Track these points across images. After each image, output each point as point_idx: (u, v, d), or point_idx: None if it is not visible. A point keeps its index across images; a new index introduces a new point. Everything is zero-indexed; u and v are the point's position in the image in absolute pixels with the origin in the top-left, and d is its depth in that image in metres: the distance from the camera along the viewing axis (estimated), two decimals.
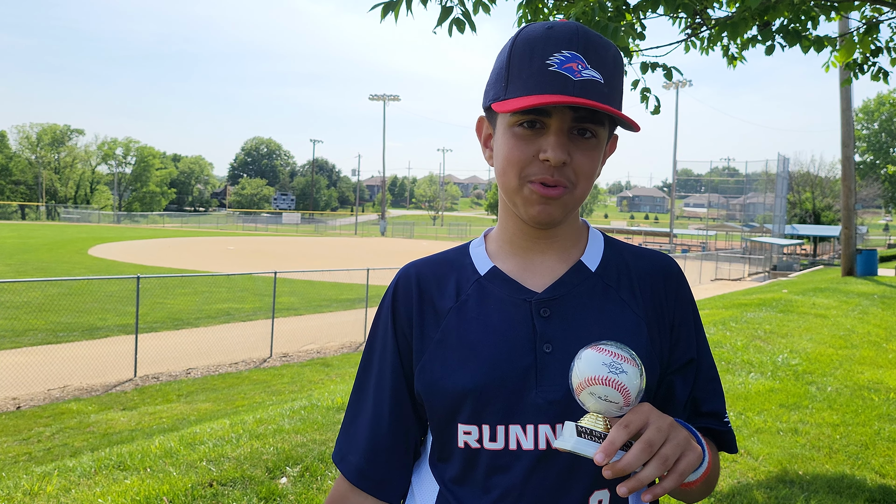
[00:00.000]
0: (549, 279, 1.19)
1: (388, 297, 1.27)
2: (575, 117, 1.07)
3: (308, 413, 5.71)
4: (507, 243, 1.23)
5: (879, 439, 5.33)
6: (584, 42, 1.07)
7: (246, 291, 20.37)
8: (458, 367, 1.15)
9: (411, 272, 1.26)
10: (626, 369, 0.94)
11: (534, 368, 1.12)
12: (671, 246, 50.02)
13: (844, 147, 23.01)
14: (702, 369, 1.24)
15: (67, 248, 35.66)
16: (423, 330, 1.20)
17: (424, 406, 1.21)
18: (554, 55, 1.06)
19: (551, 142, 1.07)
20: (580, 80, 1.05)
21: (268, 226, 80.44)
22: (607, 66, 1.08)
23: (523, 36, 1.11)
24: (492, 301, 1.18)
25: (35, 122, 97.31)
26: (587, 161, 1.10)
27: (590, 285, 1.19)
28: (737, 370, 7.50)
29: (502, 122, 1.13)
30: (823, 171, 55.68)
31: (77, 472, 4.21)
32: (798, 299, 14.00)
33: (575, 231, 1.24)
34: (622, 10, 4.19)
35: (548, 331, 1.14)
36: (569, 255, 1.22)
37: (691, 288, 1.39)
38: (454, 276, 1.23)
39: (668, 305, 1.22)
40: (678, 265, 1.27)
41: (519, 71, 1.08)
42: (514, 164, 1.10)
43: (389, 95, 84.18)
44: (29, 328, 13.20)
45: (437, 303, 1.21)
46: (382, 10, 3.28)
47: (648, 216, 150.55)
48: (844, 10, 4.82)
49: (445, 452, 1.19)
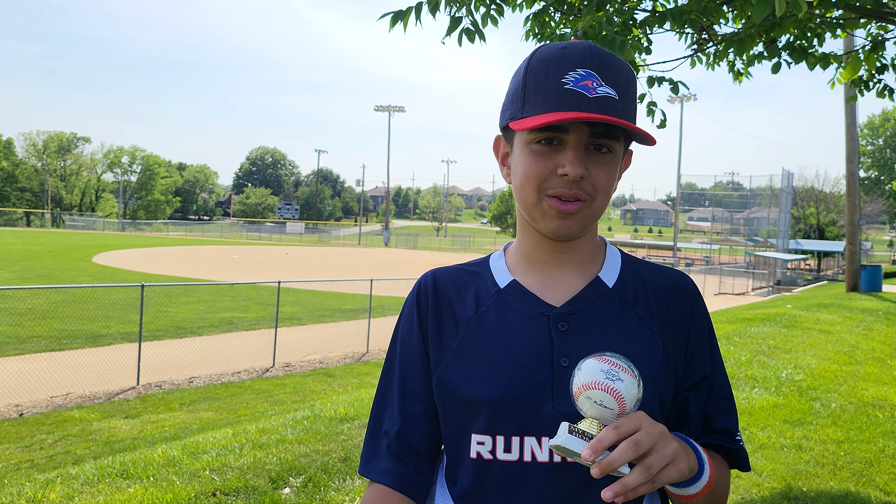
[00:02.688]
0: (567, 294, 1.20)
1: (411, 300, 1.28)
2: (591, 133, 1.10)
3: (311, 423, 5.70)
4: (526, 258, 1.25)
5: (884, 456, 5.30)
6: (598, 60, 1.10)
7: (249, 300, 20.39)
8: (476, 377, 1.16)
9: (431, 279, 1.28)
10: (623, 378, 0.97)
11: (550, 382, 1.13)
12: (675, 260, 49.95)
13: (849, 163, 23.03)
14: (715, 387, 1.25)
15: (72, 255, 35.75)
16: (441, 337, 1.22)
17: (439, 413, 1.22)
18: (569, 73, 1.09)
19: (569, 157, 1.09)
20: (595, 97, 1.07)
21: (272, 235, 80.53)
22: (621, 84, 1.11)
23: (538, 56, 1.14)
24: (511, 313, 1.19)
25: (42, 130, 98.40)
26: (604, 175, 1.12)
27: (607, 301, 1.20)
28: (741, 385, 7.48)
29: (520, 140, 1.16)
30: (828, 187, 55.72)
31: (80, 479, 4.21)
32: (802, 315, 13.97)
33: (593, 247, 1.26)
34: (629, 25, 4.22)
35: (565, 345, 1.15)
36: (587, 271, 1.23)
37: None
38: (474, 287, 1.25)
39: (684, 323, 1.23)
40: (695, 284, 1.28)
41: (535, 90, 1.11)
42: (532, 179, 1.13)
43: (395, 106, 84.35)
44: (32, 335, 13.22)
45: (456, 311, 1.23)
46: (392, 20, 3.30)
47: (652, 229, 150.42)
48: (850, 28, 4.83)
49: (457, 463, 1.19)
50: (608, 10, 3.93)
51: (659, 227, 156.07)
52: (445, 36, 3.54)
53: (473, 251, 64.77)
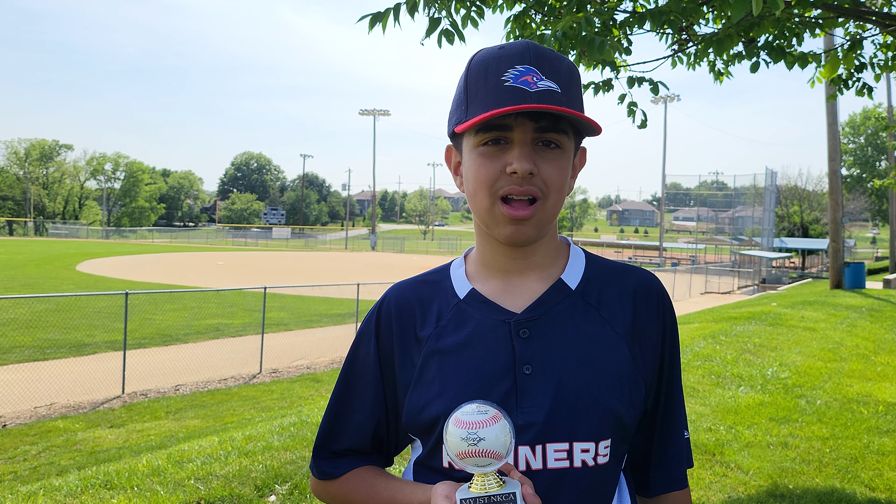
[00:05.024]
0: (528, 299, 1.18)
1: (368, 328, 1.27)
2: (536, 128, 1.08)
3: (297, 430, 5.67)
4: (485, 266, 1.23)
5: (869, 452, 5.34)
6: (536, 56, 1.10)
7: (235, 307, 20.27)
8: (439, 394, 1.14)
9: (392, 300, 1.26)
10: (484, 435, 0.97)
11: (514, 391, 1.12)
12: (661, 259, 50.20)
13: (831, 161, 23.23)
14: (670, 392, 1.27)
15: (55, 263, 35.43)
16: (408, 358, 1.21)
17: (408, 432, 1.23)
18: (508, 71, 1.08)
19: (516, 154, 1.08)
20: (536, 90, 1.07)
21: (258, 240, 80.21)
22: (562, 77, 1.10)
23: (477, 59, 1.13)
24: (471, 324, 1.18)
25: (23, 138, 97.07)
26: (555, 171, 1.11)
27: (569, 304, 1.18)
28: (727, 384, 7.51)
29: (467, 145, 1.14)
30: (811, 185, 56.18)
31: (63, 491, 4.16)
32: (787, 312, 14.07)
33: (554, 249, 1.23)
34: (609, 26, 4.23)
35: (527, 352, 1.13)
36: (549, 274, 1.21)
37: (682, 301, 1.40)
38: (436, 301, 1.23)
39: (651, 321, 1.21)
40: (660, 281, 1.27)
41: (476, 91, 1.10)
42: (482, 182, 1.11)
43: (379, 110, 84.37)
44: (15, 345, 13.07)
45: (418, 329, 1.21)
46: (370, 21, 3.29)
47: (638, 230, 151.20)
48: (829, 27, 4.87)
49: (433, 469, 1.19)
50: (588, 10, 3.93)
51: (645, 227, 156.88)
52: (425, 37, 3.53)
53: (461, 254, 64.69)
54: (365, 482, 1.25)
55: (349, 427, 1.28)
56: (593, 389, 1.12)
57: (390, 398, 1.24)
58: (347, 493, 1.27)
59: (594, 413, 1.11)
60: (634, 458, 1.26)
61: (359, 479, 1.26)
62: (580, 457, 1.11)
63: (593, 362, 1.14)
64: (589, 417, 1.11)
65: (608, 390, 1.13)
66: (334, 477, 1.28)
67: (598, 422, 1.11)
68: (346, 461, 1.28)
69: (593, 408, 1.11)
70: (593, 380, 1.12)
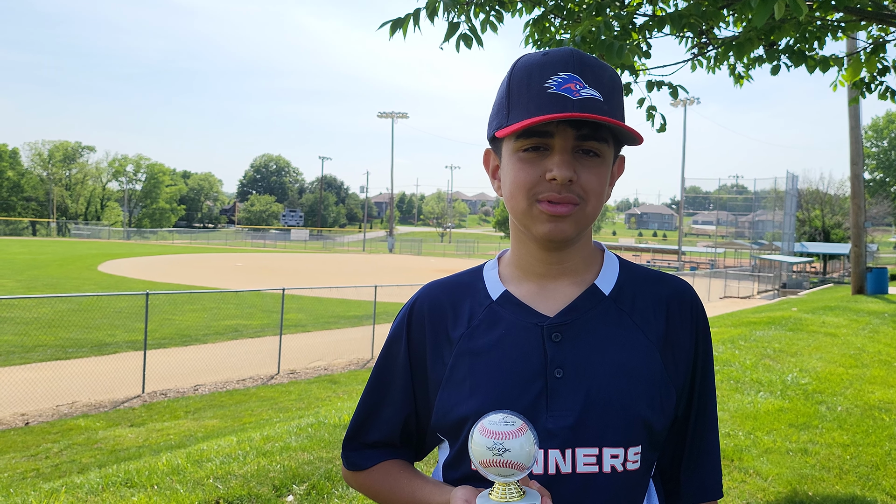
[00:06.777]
0: (561, 303, 1.18)
1: (400, 326, 1.28)
2: (577, 136, 1.08)
3: (315, 430, 5.70)
4: (519, 268, 1.23)
5: (890, 460, 5.28)
6: (580, 64, 1.09)
7: (254, 308, 20.41)
8: (469, 395, 1.15)
9: (424, 300, 1.27)
10: (509, 446, 0.97)
11: (544, 394, 1.12)
12: (679, 263, 49.86)
13: (853, 165, 22.98)
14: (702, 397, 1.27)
15: (77, 264, 35.86)
16: (440, 357, 1.22)
17: (437, 432, 1.24)
18: (552, 78, 1.08)
19: (556, 161, 1.08)
20: (579, 98, 1.06)
21: (276, 242, 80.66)
22: (605, 85, 1.10)
23: (520, 64, 1.14)
24: (503, 326, 1.18)
25: (47, 140, 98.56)
26: (594, 178, 1.11)
27: (602, 309, 1.18)
28: (746, 389, 7.45)
29: (507, 150, 1.15)
30: (833, 189, 55.49)
31: (84, 488, 4.21)
32: (808, 318, 13.92)
33: (588, 254, 1.24)
34: (628, 29, 4.22)
35: (559, 356, 1.13)
36: (582, 280, 1.21)
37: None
38: (468, 302, 1.24)
39: (684, 330, 1.21)
40: (694, 291, 1.26)
41: (519, 97, 1.11)
42: (521, 186, 1.11)
43: (398, 113, 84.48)
44: (38, 344, 13.25)
45: (449, 330, 1.22)
46: (391, 28, 3.32)
47: (657, 233, 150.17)
48: (851, 30, 4.83)
49: (460, 473, 1.19)
50: (607, 14, 3.93)
51: (663, 230, 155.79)
52: (443, 42, 3.55)
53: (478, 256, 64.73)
54: (389, 476, 1.29)
55: (379, 420, 1.31)
56: (624, 395, 1.12)
57: (420, 395, 1.25)
58: (373, 484, 1.31)
59: (624, 419, 1.11)
60: (664, 465, 1.26)
61: (384, 472, 1.30)
62: (609, 462, 1.11)
63: (624, 368, 1.14)
64: (619, 423, 1.11)
65: (639, 396, 1.13)
66: (363, 468, 1.32)
67: (627, 428, 1.11)
68: (375, 453, 1.32)
69: (623, 413, 1.11)
70: (624, 386, 1.12)
